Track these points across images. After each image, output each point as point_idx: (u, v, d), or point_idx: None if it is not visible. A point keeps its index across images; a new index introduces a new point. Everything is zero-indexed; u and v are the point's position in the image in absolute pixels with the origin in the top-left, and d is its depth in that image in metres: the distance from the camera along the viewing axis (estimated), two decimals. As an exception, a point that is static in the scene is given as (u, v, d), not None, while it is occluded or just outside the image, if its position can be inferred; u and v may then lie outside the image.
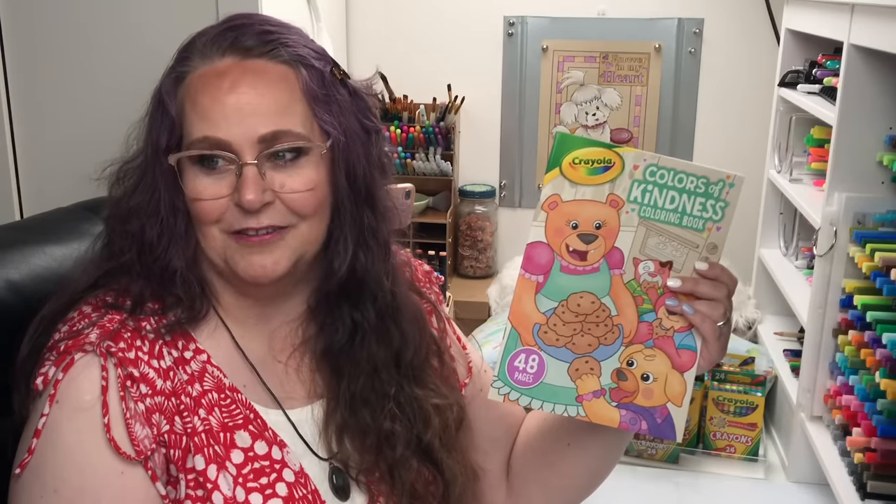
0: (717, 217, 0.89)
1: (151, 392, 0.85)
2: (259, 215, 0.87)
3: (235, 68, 0.88)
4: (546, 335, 0.91)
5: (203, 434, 0.87)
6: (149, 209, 0.90)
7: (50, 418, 0.82)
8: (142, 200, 0.90)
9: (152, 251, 0.90)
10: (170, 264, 0.90)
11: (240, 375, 0.93)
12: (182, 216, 0.90)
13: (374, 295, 0.97)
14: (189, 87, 0.89)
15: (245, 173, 0.86)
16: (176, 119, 0.88)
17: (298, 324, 0.98)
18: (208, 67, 0.89)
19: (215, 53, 0.89)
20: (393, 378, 0.98)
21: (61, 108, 1.82)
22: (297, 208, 0.89)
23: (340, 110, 0.92)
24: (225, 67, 0.88)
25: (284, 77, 0.89)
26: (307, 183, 0.89)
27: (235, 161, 0.86)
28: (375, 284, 0.96)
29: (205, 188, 0.87)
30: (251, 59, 0.89)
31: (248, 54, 0.89)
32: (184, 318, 0.90)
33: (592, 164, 0.88)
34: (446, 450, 0.99)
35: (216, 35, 0.91)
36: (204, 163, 0.87)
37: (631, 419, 0.92)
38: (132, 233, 0.90)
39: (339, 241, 0.94)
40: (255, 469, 0.88)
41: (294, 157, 0.88)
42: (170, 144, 0.89)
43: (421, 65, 2.59)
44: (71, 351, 0.84)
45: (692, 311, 0.89)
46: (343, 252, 0.94)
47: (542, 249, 0.90)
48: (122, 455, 0.82)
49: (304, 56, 0.90)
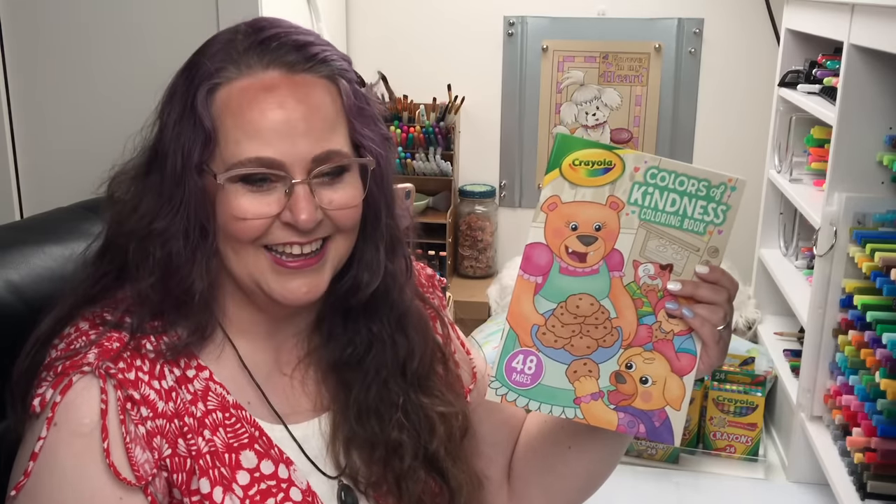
0: (718, 220, 0.89)
1: (153, 415, 0.83)
2: (307, 233, 0.86)
3: (283, 83, 0.84)
4: (544, 336, 0.90)
5: (208, 455, 0.85)
6: (176, 229, 0.85)
7: (47, 442, 0.80)
8: (168, 223, 0.85)
9: (177, 274, 0.86)
10: (192, 286, 0.86)
11: (244, 392, 0.91)
12: (210, 237, 0.86)
13: (391, 306, 0.96)
14: (230, 99, 0.84)
15: (297, 192, 0.84)
16: (212, 133, 0.84)
17: (305, 335, 0.97)
18: (252, 81, 0.84)
19: (257, 66, 0.85)
20: (400, 387, 0.97)
21: (61, 109, 1.82)
22: (340, 221, 0.88)
23: (372, 122, 0.91)
24: (271, 82, 0.84)
25: (328, 93, 0.87)
26: (353, 199, 0.88)
27: (285, 180, 0.84)
28: (397, 295, 0.96)
29: (250, 207, 0.84)
30: (296, 73, 0.85)
31: (293, 69, 0.85)
32: (188, 340, 0.87)
33: (593, 166, 0.88)
34: (452, 459, 0.99)
35: (253, 45, 0.86)
36: (249, 181, 0.84)
37: (629, 422, 0.91)
38: (154, 257, 0.86)
39: (368, 254, 0.93)
40: (261, 490, 0.86)
41: (338, 174, 0.87)
42: (203, 159, 0.84)
43: (421, 65, 2.59)
44: (69, 372, 0.81)
45: (692, 314, 0.89)
46: (375, 265, 0.93)
47: (541, 250, 0.89)
48: (121, 481, 0.80)
49: (343, 69, 0.89)
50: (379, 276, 0.94)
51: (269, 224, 0.85)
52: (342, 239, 0.90)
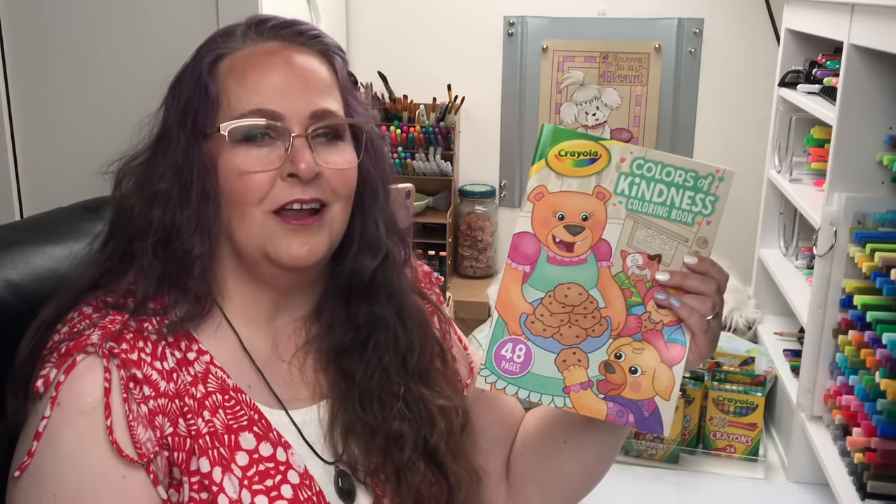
0: (706, 211, 0.89)
1: (155, 394, 0.85)
2: (307, 187, 0.89)
3: (282, 50, 0.92)
4: (533, 325, 0.91)
5: (207, 436, 0.86)
6: (178, 194, 0.89)
7: (51, 420, 0.82)
8: (171, 185, 0.89)
9: (178, 237, 0.89)
10: (192, 251, 0.89)
11: (244, 376, 0.92)
12: (212, 203, 0.89)
13: (391, 289, 0.98)
14: (234, 65, 0.91)
15: (296, 144, 0.88)
16: (216, 97, 0.89)
17: (303, 323, 0.98)
18: (255, 48, 0.92)
19: (259, 38, 0.92)
20: (401, 377, 0.98)
21: (61, 109, 1.82)
22: (337, 185, 0.91)
23: (363, 106, 0.98)
24: (271, 49, 0.92)
25: (323, 65, 0.94)
26: (347, 161, 0.93)
27: (285, 136, 0.88)
28: (396, 279, 0.98)
29: (253, 162, 0.88)
30: (296, 45, 0.93)
31: (292, 41, 0.93)
32: (187, 315, 0.89)
33: (578, 157, 0.88)
34: (451, 455, 0.99)
35: (252, 26, 0.93)
36: (249, 138, 0.89)
37: (618, 412, 0.91)
38: (156, 219, 0.89)
39: (369, 230, 0.96)
40: (260, 471, 0.88)
41: (332, 138, 0.92)
42: (207, 124, 0.89)
43: (421, 65, 2.59)
44: (73, 352, 0.83)
45: (679, 304, 0.89)
46: (377, 241, 0.96)
47: (528, 239, 0.90)
48: (124, 458, 0.81)
49: (337, 48, 0.96)
50: (380, 253, 0.96)
51: (272, 181, 0.88)
52: (339, 208, 0.93)
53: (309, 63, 0.92)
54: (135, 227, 0.90)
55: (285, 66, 0.90)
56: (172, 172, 0.90)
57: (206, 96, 0.89)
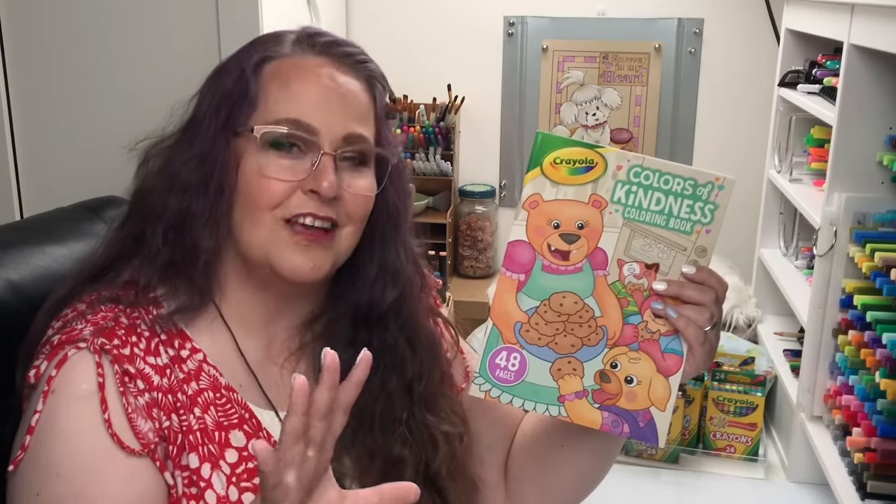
0: (705, 220, 0.87)
1: (149, 388, 0.85)
2: (323, 204, 0.89)
3: (330, 67, 0.92)
4: (528, 334, 0.90)
5: (198, 432, 0.87)
6: (197, 184, 0.89)
7: (45, 409, 0.82)
8: (192, 174, 0.90)
9: (190, 226, 0.89)
10: (200, 243, 0.89)
11: (236, 375, 0.93)
12: (226, 199, 0.90)
13: (405, 318, 0.98)
14: (280, 71, 0.91)
15: (324, 162, 0.89)
16: (255, 97, 0.90)
17: (297, 330, 0.98)
18: (303, 59, 0.92)
19: (309, 51, 0.93)
20: (405, 403, 0.97)
21: (61, 109, 1.82)
22: (352, 210, 0.92)
23: (393, 139, 1.00)
24: (318, 64, 0.92)
25: (366, 92, 0.94)
26: (368, 189, 0.93)
27: (315, 150, 0.89)
28: (412, 308, 0.99)
29: (278, 169, 0.88)
30: (343, 67, 0.93)
31: (340, 62, 0.93)
32: (182, 307, 0.89)
33: (574, 164, 0.87)
34: (451, 478, 0.99)
35: (304, 37, 0.94)
36: (278, 145, 0.89)
37: (613, 422, 0.90)
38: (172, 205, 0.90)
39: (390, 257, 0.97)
40: (248, 469, 0.88)
41: (358, 163, 0.93)
42: (240, 121, 0.90)
43: (421, 65, 2.59)
44: (64, 346, 0.83)
45: (676, 315, 0.88)
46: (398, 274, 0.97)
47: (523, 248, 0.89)
48: (126, 450, 0.81)
49: (381, 77, 0.97)
50: (400, 284, 0.97)
51: (291, 191, 0.89)
52: (349, 231, 0.93)
53: (352, 85, 0.92)
54: (150, 209, 0.91)
55: (330, 83, 0.91)
56: (195, 161, 0.90)
57: (245, 94, 0.90)
